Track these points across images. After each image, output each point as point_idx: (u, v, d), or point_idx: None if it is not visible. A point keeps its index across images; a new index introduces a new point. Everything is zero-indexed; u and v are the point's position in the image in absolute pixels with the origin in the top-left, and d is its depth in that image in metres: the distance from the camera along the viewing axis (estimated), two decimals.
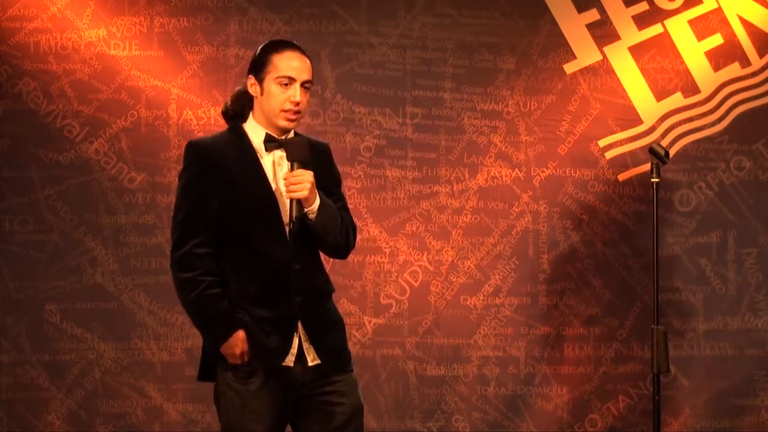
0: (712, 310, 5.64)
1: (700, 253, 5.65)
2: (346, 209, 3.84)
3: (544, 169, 5.65)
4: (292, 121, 3.70)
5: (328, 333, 3.77)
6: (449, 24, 5.64)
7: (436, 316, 5.62)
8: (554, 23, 5.65)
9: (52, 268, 5.55)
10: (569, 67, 5.65)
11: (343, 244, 3.79)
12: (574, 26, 5.65)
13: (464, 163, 5.65)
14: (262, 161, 3.72)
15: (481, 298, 5.64)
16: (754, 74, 5.64)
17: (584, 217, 5.65)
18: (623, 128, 5.65)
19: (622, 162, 5.66)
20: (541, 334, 5.63)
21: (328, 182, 3.78)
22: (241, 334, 3.67)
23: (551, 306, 5.64)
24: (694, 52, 5.63)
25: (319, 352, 3.72)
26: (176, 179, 5.49)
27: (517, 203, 5.64)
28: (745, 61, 5.63)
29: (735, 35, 5.61)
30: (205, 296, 3.66)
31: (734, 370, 5.63)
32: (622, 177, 5.66)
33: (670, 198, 5.62)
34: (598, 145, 5.65)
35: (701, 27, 5.63)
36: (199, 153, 3.72)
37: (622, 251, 5.65)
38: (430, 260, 5.62)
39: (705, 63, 5.63)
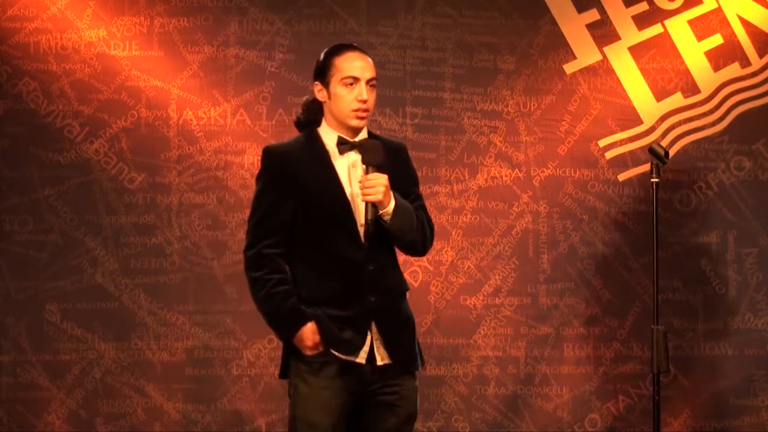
0: (712, 310, 5.64)
1: (700, 253, 5.65)
2: (423, 208, 3.87)
3: (544, 169, 5.65)
4: (362, 119, 3.75)
5: (399, 333, 3.80)
6: (449, 24, 5.64)
7: (436, 316, 5.62)
8: (554, 23, 5.65)
9: (52, 268, 5.55)
10: (569, 67, 5.65)
11: (420, 242, 3.82)
12: (574, 26, 5.65)
13: (464, 163, 5.65)
14: (335, 164, 3.76)
15: (481, 298, 5.64)
16: (754, 74, 5.64)
17: (584, 217, 5.65)
18: (623, 128, 5.65)
19: (622, 162, 5.66)
20: (541, 334, 5.64)
21: (405, 182, 3.81)
22: (311, 325, 3.72)
23: (551, 306, 5.64)
24: (694, 52, 5.63)
25: (389, 353, 3.76)
26: (176, 179, 5.57)
27: (517, 203, 5.64)
28: (745, 61, 5.63)
29: (735, 35, 5.61)
30: (273, 293, 3.74)
31: (734, 370, 5.63)
32: (622, 177, 5.66)
33: (670, 198, 5.62)
34: (598, 145, 5.65)
35: (701, 27, 5.63)
36: (273, 158, 3.80)
37: (622, 251, 5.65)
38: (429, 260, 5.62)
39: (705, 63, 5.63)
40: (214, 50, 5.59)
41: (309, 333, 3.73)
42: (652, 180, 4.95)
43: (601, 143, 5.65)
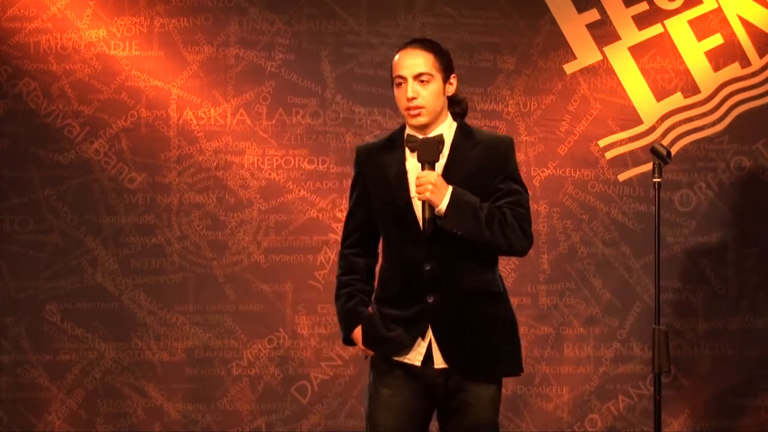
0: (712, 310, 5.64)
1: (700, 253, 5.65)
2: (519, 204, 3.73)
3: (544, 169, 5.65)
4: (415, 116, 3.70)
5: (466, 336, 3.70)
6: (449, 24, 5.64)
7: None
8: (554, 23, 5.65)
9: (52, 268, 5.55)
10: (569, 67, 5.65)
11: (501, 242, 3.67)
12: (574, 26, 5.65)
13: None
14: (407, 162, 3.74)
15: None
16: (754, 74, 5.63)
17: (584, 217, 5.65)
18: (623, 128, 5.65)
19: (622, 162, 5.66)
20: (541, 334, 5.64)
21: (493, 177, 3.72)
22: (360, 327, 3.77)
23: (551, 306, 5.64)
24: (694, 52, 5.63)
25: (446, 356, 3.69)
26: (176, 179, 5.58)
27: None
28: (745, 61, 5.63)
29: (735, 35, 5.61)
30: (339, 295, 3.82)
31: (734, 370, 5.63)
32: (622, 177, 5.66)
33: (670, 198, 5.62)
34: (598, 145, 5.65)
35: (701, 27, 5.63)
36: (357, 156, 3.86)
37: (622, 251, 5.65)
38: None
39: (705, 63, 5.63)
40: (214, 50, 5.59)
41: (359, 335, 3.77)
42: (654, 180, 4.92)
43: (601, 143, 5.65)
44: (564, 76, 5.65)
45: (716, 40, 5.62)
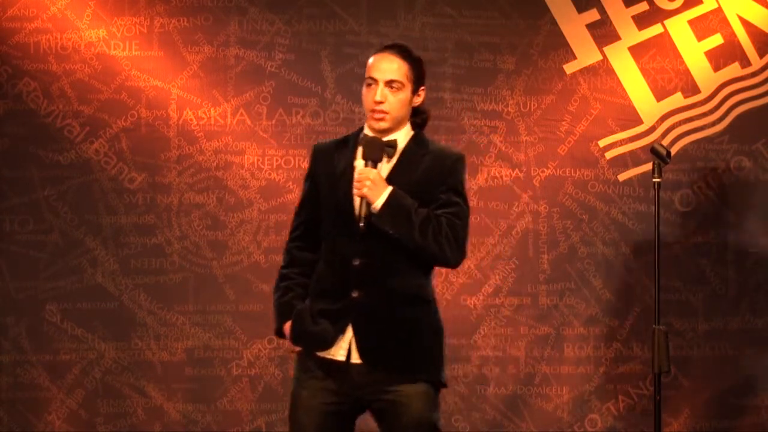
0: (712, 310, 5.64)
1: (700, 253, 5.65)
2: (455, 215, 3.72)
3: (544, 169, 5.65)
4: (377, 120, 3.74)
5: (385, 334, 3.71)
6: (449, 24, 5.64)
7: None
8: (554, 23, 5.65)
9: (52, 268, 5.55)
10: (569, 67, 5.65)
11: (434, 250, 3.69)
12: (574, 26, 5.65)
13: None
14: (356, 161, 3.78)
15: (481, 298, 5.64)
16: (754, 74, 5.63)
17: (584, 217, 5.65)
18: (623, 128, 5.65)
19: (622, 162, 5.66)
20: (541, 334, 5.64)
21: (436, 187, 3.74)
22: (289, 323, 3.79)
23: (551, 306, 5.64)
24: (694, 52, 5.63)
25: (362, 351, 3.70)
26: (176, 179, 5.58)
27: (517, 203, 5.64)
28: (745, 61, 5.63)
29: (735, 35, 5.62)
30: (277, 287, 3.88)
31: (734, 370, 5.63)
32: (622, 177, 5.66)
33: (670, 198, 5.62)
34: (598, 145, 5.65)
35: (701, 27, 5.63)
36: (313, 153, 3.93)
37: (622, 251, 5.65)
38: None
39: (705, 63, 5.63)
40: (214, 50, 5.59)
41: (287, 330, 3.79)
42: (654, 180, 4.93)
43: (601, 143, 5.65)
44: (564, 76, 5.65)
45: (716, 40, 5.62)
